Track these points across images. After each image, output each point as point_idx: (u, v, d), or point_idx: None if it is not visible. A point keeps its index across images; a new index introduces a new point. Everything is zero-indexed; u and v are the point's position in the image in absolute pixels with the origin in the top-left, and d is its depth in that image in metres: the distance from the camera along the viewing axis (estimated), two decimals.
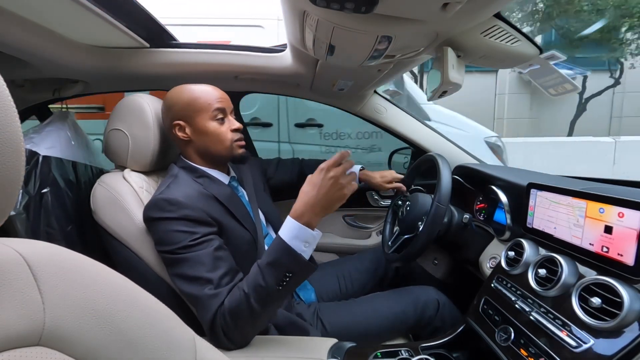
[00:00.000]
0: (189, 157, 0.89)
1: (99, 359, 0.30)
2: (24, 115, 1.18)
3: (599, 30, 6.65)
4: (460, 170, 1.20)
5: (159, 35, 1.00)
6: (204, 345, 0.44)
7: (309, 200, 0.68)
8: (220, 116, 0.85)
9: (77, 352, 0.29)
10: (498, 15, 0.66)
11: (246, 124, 1.55)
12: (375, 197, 1.50)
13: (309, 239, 0.68)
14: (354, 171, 0.71)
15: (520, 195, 0.82)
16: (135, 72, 1.05)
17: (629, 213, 0.56)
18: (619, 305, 0.53)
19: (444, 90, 0.78)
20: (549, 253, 0.70)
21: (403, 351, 0.75)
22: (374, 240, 1.50)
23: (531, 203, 0.77)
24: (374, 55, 0.72)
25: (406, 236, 1.01)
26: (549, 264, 0.68)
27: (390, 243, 1.07)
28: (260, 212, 0.97)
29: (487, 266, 0.91)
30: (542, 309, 0.65)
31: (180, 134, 0.85)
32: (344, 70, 0.96)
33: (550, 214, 0.72)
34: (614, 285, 0.55)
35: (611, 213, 0.59)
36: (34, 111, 1.19)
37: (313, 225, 0.69)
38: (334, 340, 0.77)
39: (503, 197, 0.91)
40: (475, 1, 0.53)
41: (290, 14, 0.65)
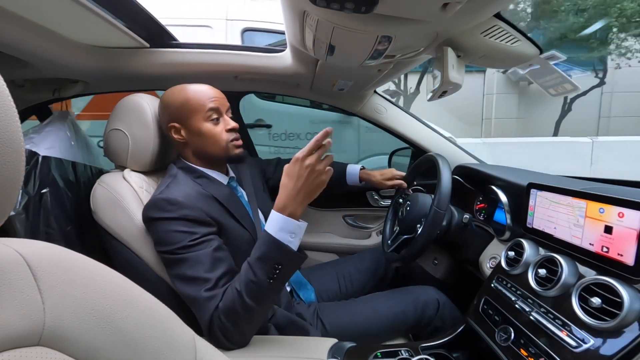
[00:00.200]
0: (187, 158, 0.88)
1: (99, 359, 0.30)
2: (24, 115, 1.17)
3: (576, 30, 6.66)
4: (460, 170, 1.20)
5: (159, 35, 1.00)
6: (204, 345, 0.44)
7: (289, 192, 0.68)
8: (214, 116, 0.84)
9: (77, 352, 0.29)
10: (498, 15, 0.66)
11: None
12: (375, 197, 1.51)
13: (295, 230, 0.69)
14: (330, 154, 0.70)
15: (520, 195, 0.82)
16: (135, 72, 1.05)
17: (629, 213, 0.56)
18: (619, 305, 0.53)
19: (444, 90, 0.78)
20: (549, 253, 0.70)
21: (403, 351, 0.75)
22: (374, 240, 1.50)
23: (531, 203, 0.77)
24: (374, 55, 0.72)
25: (406, 236, 1.01)
26: (549, 264, 0.68)
27: (390, 242, 1.07)
28: (259, 212, 0.97)
29: (487, 266, 0.91)
30: (542, 309, 0.65)
31: (176, 136, 0.85)
32: (344, 70, 0.96)
33: (550, 214, 0.72)
34: (614, 285, 0.55)
35: (611, 213, 0.59)
36: (34, 111, 1.19)
37: (297, 215, 0.69)
38: (334, 340, 0.77)
39: (503, 197, 0.91)
40: (475, 1, 0.53)
41: (290, 14, 0.65)
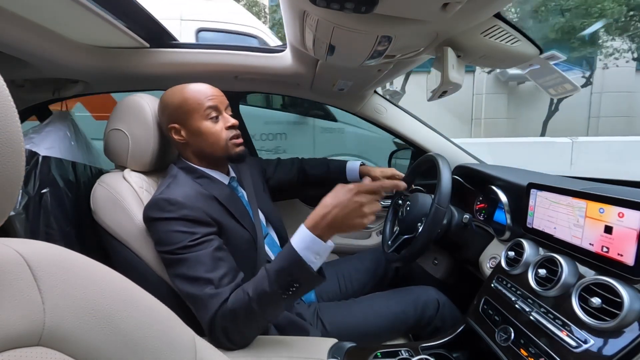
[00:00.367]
0: (188, 159, 0.88)
1: (99, 359, 0.30)
2: (24, 115, 1.17)
3: (557, 30, 6.65)
4: (460, 170, 1.19)
5: (159, 35, 1.00)
6: (204, 345, 0.44)
7: (326, 215, 0.66)
8: (213, 114, 0.84)
9: (77, 353, 0.29)
10: (498, 15, 0.66)
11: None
12: None
13: (320, 251, 0.67)
14: (378, 203, 0.68)
15: (520, 195, 0.82)
16: (135, 72, 1.04)
17: (629, 213, 0.56)
18: (619, 305, 0.53)
19: (444, 91, 0.78)
20: (549, 253, 0.70)
21: (403, 351, 0.75)
22: (374, 240, 1.50)
23: (531, 203, 0.77)
24: (374, 55, 0.72)
25: (406, 236, 1.01)
26: (549, 264, 0.68)
27: (390, 242, 1.07)
28: (260, 212, 0.97)
29: (487, 266, 0.91)
30: (542, 309, 0.65)
31: (176, 137, 0.85)
32: (344, 70, 0.96)
33: (550, 214, 0.72)
34: (614, 285, 0.55)
35: (611, 213, 0.59)
36: (34, 111, 1.19)
37: (325, 239, 0.67)
38: (334, 340, 0.76)
39: (503, 197, 0.91)
40: (475, 1, 0.53)
41: (290, 14, 0.65)
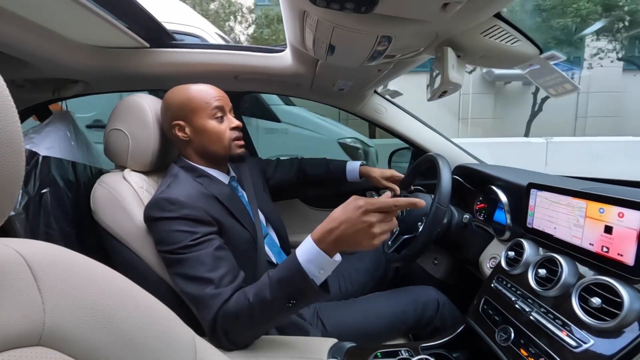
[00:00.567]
0: (189, 157, 0.88)
1: (99, 359, 0.30)
2: (24, 115, 1.18)
3: (534, 31, 6.67)
4: (460, 170, 1.20)
5: (159, 35, 1.00)
6: (204, 345, 0.44)
7: (334, 230, 0.61)
8: (219, 114, 0.85)
9: (77, 353, 0.29)
10: (498, 15, 0.66)
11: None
12: (375, 197, 1.50)
13: (325, 266, 0.63)
14: (394, 220, 0.63)
15: (520, 195, 0.82)
16: (135, 72, 1.05)
17: (629, 213, 0.56)
18: (619, 305, 0.53)
19: (444, 90, 0.78)
20: (549, 253, 0.70)
21: (403, 351, 0.75)
22: None
23: (531, 203, 0.77)
24: (374, 56, 0.72)
25: (406, 236, 1.01)
26: (549, 264, 0.68)
27: (390, 243, 1.07)
28: (260, 212, 0.97)
29: (487, 266, 0.91)
30: (542, 309, 0.65)
31: (180, 133, 0.85)
32: (344, 70, 0.96)
33: (550, 214, 0.72)
34: (614, 285, 0.55)
35: (611, 213, 0.59)
36: (34, 111, 1.19)
37: (331, 254, 0.63)
38: (334, 340, 0.76)
39: (503, 197, 0.91)
40: (475, 1, 0.53)
41: (290, 14, 0.65)
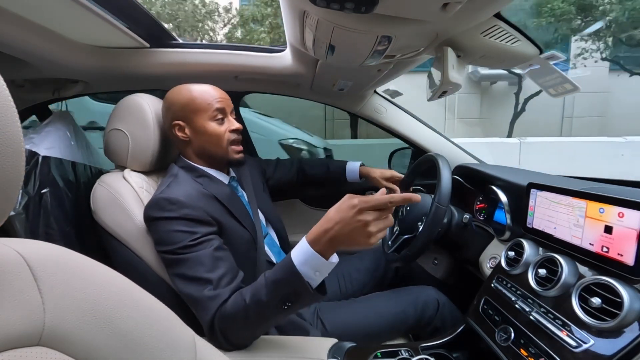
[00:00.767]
0: (189, 157, 0.88)
1: (99, 359, 0.30)
2: (24, 115, 1.18)
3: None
4: (460, 170, 1.20)
5: (159, 35, 1.00)
6: (204, 345, 0.44)
7: (328, 231, 0.60)
8: (220, 116, 0.85)
9: (77, 352, 0.29)
10: (498, 15, 0.66)
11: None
12: None
13: (320, 268, 0.62)
14: (391, 217, 0.62)
15: (520, 195, 0.82)
16: (135, 72, 1.05)
17: (629, 213, 0.56)
18: (619, 305, 0.53)
19: (444, 90, 0.78)
20: (549, 253, 0.70)
21: (403, 351, 0.75)
22: None
23: (531, 203, 0.77)
24: (374, 55, 0.72)
25: (406, 236, 1.01)
26: (549, 264, 0.68)
27: (390, 243, 1.07)
28: (260, 213, 0.97)
29: (487, 266, 0.91)
30: (542, 309, 0.65)
31: (179, 134, 0.85)
32: (344, 70, 0.96)
33: (550, 214, 0.72)
34: (614, 285, 0.55)
35: (611, 213, 0.59)
36: (34, 111, 1.19)
37: (327, 255, 0.61)
38: (334, 340, 0.76)
39: (503, 197, 0.91)
40: (475, 1, 0.53)
41: (290, 14, 0.65)
